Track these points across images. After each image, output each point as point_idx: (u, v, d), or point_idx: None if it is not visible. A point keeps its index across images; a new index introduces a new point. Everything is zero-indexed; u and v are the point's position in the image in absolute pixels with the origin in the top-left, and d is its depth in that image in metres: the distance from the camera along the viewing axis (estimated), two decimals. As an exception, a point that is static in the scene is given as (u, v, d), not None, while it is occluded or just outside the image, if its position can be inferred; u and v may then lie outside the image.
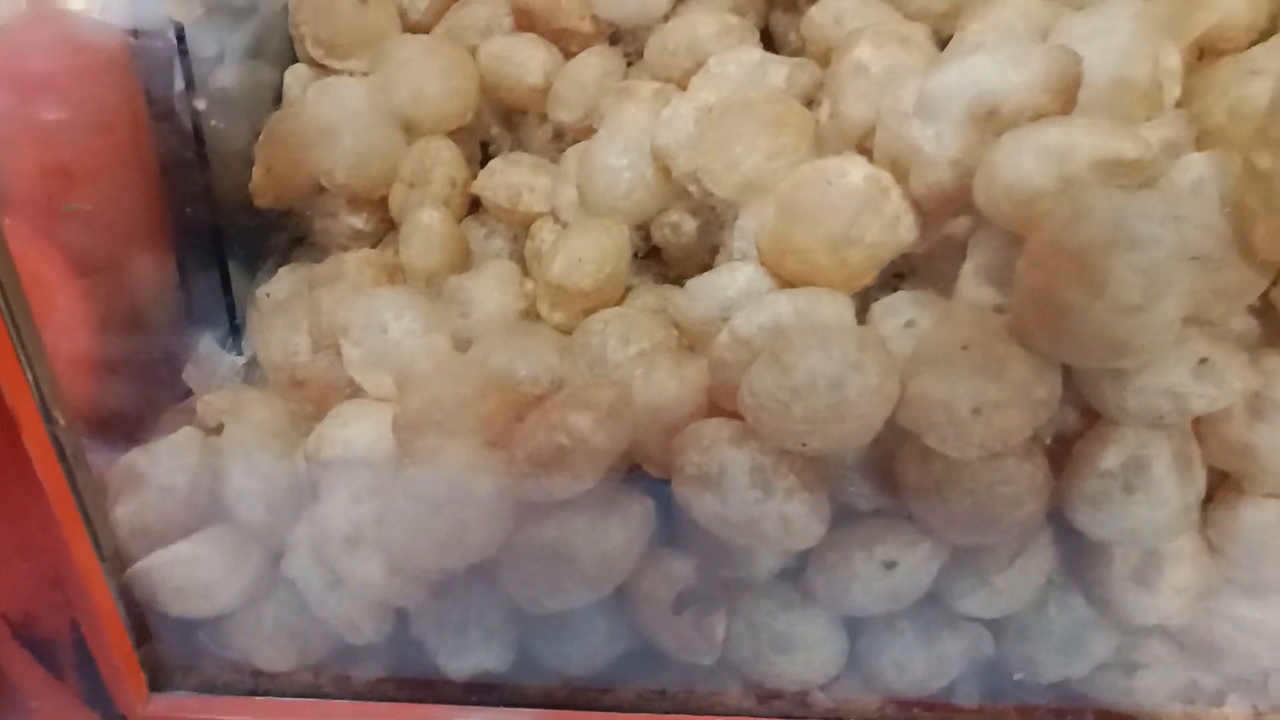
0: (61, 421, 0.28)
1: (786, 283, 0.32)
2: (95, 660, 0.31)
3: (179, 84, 0.40)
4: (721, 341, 0.30)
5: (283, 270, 0.44)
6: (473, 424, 0.32)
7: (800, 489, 0.29)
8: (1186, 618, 0.33)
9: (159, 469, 0.33)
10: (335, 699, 0.35)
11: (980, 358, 0.28)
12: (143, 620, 0.33)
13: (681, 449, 0.30)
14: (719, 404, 0.31)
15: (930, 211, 0.31)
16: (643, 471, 0.32)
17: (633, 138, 0.37)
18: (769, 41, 0.42)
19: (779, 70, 0.37)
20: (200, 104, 0.40)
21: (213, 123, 0.41)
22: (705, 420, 0.30)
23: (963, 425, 0.28)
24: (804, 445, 0.28)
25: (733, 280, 0.32)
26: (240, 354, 0.43)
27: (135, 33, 0.39)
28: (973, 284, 0.29)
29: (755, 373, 0.28)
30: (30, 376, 0.26)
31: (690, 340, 0.34)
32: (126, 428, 0.36)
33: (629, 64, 0.41)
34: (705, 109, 0.36)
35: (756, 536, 0.30)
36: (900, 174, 0.31)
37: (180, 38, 0.39)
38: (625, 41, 0.41)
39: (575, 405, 0.30)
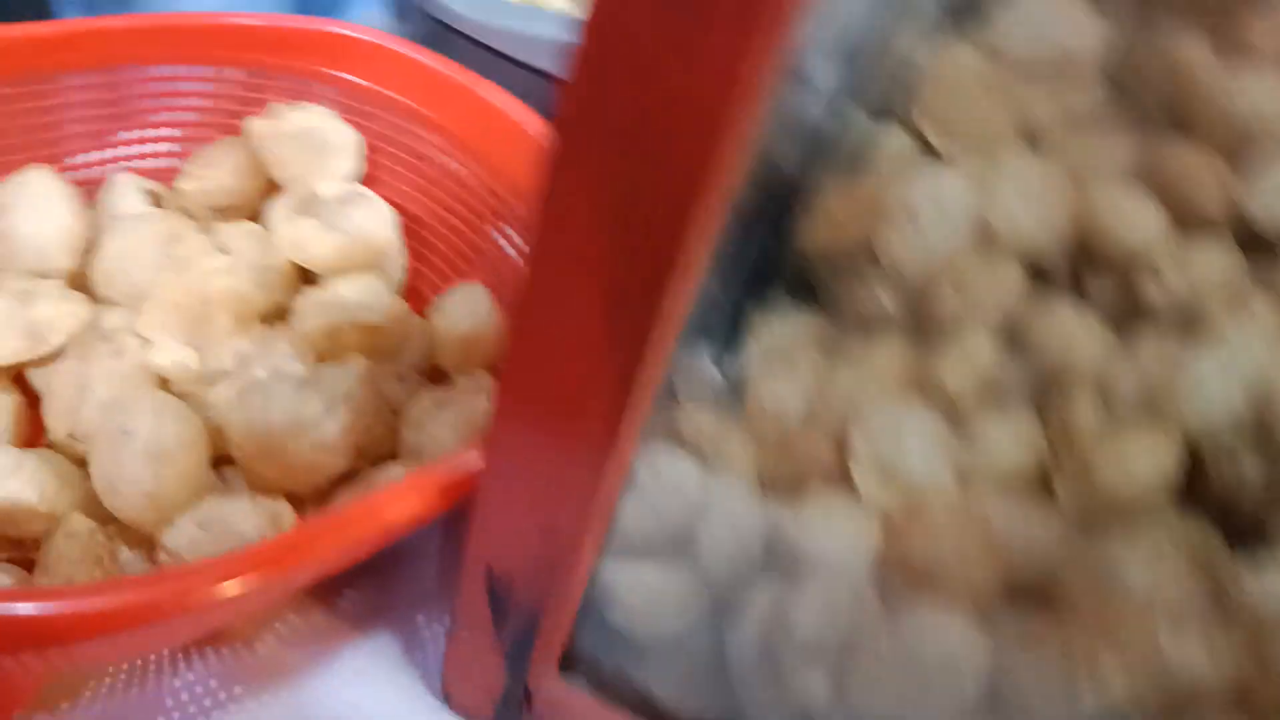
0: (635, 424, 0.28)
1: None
2: (538, 635, 0.32)
3: (784, 114, 0.41)
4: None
5: (792, 312, 0.43)
6: (964, 586, 0.31)
7: None
8: None
9: (658, 484, 0.33)
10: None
11: None
12: (586, 614, 0.33)
13: None
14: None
15: None
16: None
17: (1248, 353, 0.33)
18: None
19: None
20: (794, 140, 0.40)
21: (798, 159, 0.41)
22: None
23: None
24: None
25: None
26: (724, 375, 0.43)
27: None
28: None
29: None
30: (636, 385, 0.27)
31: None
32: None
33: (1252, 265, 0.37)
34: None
35: None
36: None
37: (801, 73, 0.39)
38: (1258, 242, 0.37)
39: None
